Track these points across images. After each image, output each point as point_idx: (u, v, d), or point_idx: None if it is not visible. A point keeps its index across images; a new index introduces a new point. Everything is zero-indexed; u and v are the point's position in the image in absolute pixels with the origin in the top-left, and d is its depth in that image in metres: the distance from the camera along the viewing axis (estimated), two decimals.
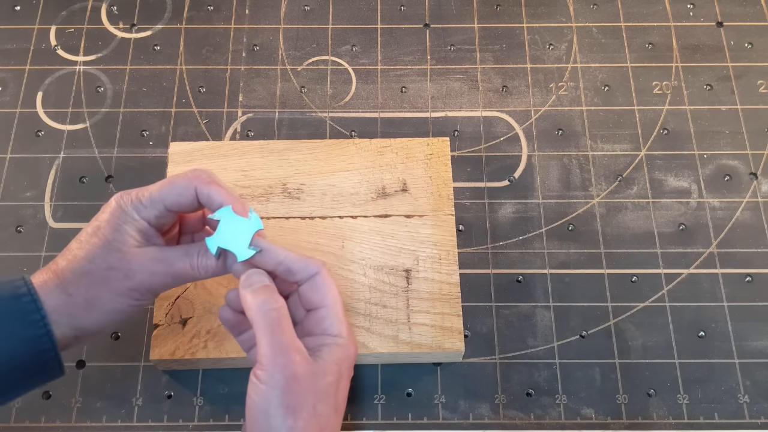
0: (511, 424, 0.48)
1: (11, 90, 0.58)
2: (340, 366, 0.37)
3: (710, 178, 0.55)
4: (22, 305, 0.35)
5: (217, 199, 0.38)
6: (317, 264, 0.39)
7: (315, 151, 0.52)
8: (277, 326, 0.36)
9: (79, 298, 0.37)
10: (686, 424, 0.48)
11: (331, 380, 0.36)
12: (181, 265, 0.39)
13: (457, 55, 0.60)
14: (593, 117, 0.57)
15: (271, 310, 0.36)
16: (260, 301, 0.36)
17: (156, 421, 0.47)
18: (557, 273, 0.52)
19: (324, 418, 0.35)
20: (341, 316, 0.38)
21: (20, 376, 0.36)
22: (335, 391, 0.36)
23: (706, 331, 0.50)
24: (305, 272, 0.38)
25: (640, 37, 0.61)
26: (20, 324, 0.35)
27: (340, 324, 0.38)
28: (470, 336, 0.50)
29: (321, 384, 0.36)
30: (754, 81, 0.59)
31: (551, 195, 0.55)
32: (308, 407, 0.35)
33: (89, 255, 0.37)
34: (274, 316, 0.36)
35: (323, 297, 0.38)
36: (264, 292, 0.37)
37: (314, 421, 0.35)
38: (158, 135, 0.57)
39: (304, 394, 0.35)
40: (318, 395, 0.35)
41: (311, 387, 0.35)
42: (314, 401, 0.35)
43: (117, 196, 0.39)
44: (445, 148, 0.53)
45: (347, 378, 0.38)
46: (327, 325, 0.38)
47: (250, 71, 0.59)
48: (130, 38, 0.61)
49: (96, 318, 0.37)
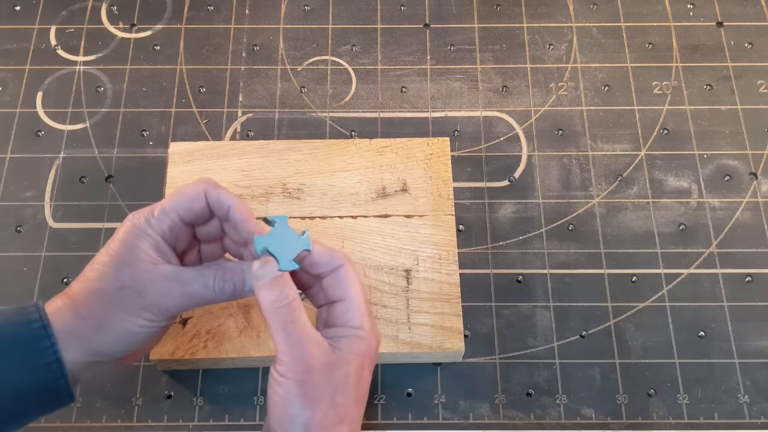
0: (511, 424, 0.48)
1: (11, 90, 0.58)
2: (361, 357, 0.37)
3: (710, 178, 0.55)
4: (33, 331, 0.35)
5: (226, 202, 0.38)
6: (340, 257, 0.39)
7: (315, 151, 0.52)
8: (289, 322, 0.36)
9: (90, 320, 0.36)
10: (686, 424, 0.48)
11: (350, 371, 0.36)
12: (196, 286, 0.38)
13: (457, 55, 0.60)
14: (593, 117, 0.57)
15: (282, 307, 0.36)
16: (271, 298, 0.36)
17: (156, 421, 0.47)
18: (557, 273, 0.52)
19: (343, 409, 0.36)
20: (363, 309, 0.38)
21: (29, 403, 0.35)
22: (355, 381, 0.36)
23: (706, 331, 0.50)
24: (328, 265, 0.39)
25: (640, 37, 0.61)
26: (30, 351, 0.35)
27: (362, 317, 0.38)
28: (470, 336, 0.50)
29: (339, 374, 0.36)
30: (754, 81, 0.59)
31: (551, 195, 0.55)
32: (326, 398, 0.35)
33: (101, 275, 0.37)
34: (285, 312, 0.36)
35: (346, 290, 0.38)
36: (274, 286, 0.36)
37: (333, 411, 0.35)
38: (158, 135, 0.57)
39: (321, 384, 0.35)
40: (336, 386, 0.36)
41: (329, 378, 0.36)
42: (332, 392, 0.35)
43: (130, 215, 0.38)
44: (445, 148, 0.53)
45: (369, 370, 0.38)
46: (348, 318, 0.38)
47: (250, 71, 0.59)
48: (130, 38, 0.61)
49: (107, 340, 0.36)
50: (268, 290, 0.36)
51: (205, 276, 0.38)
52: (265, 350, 0.46)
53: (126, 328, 0.37)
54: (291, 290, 0.37)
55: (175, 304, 0.38)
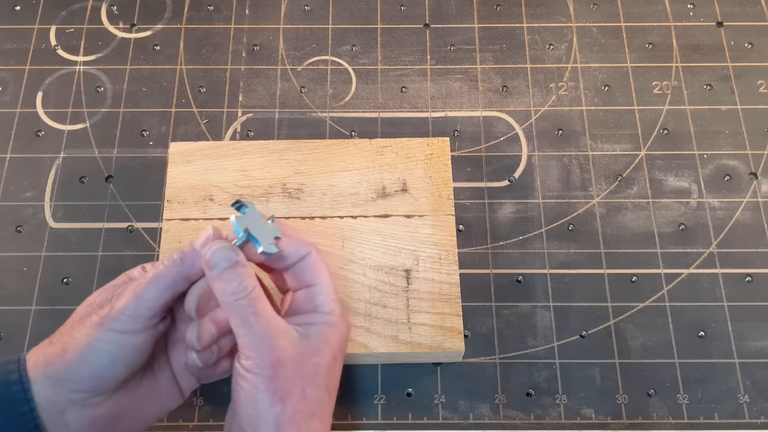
0: (511, 424, 0.48)
1: (11, 90, 0.58)
2: (332, 346, 0.35)
3: (710, 178, 0.55)
4: (12, 395, 0.33)
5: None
6: (308, 244, 0.38)
7: (315, 151, 0.52)
8: (251, 314, 0.34)
9: (57, 345, 0.34)
10: (686, 424, 0.48)
11: (320, 361, 0.35)
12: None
13: (457, 55, 0.60)
14: (593, 117, 0.57)
15: (241, 299, 0.34)
16: (230, 289, 0.34)
17: (156, 421, 0.47)
18: (557, 273, 0.52)
19: (314, 402, 0.34)
20: (333, 294, 0.37)
21: None
22: (326, 372, 0.35)
23: (706, 331, 0.50)
24: (296, 255, 0.38)
25: (640, 37, 0.61)
26: (8, 415, 0.32)
27: (332, 302, 0.37)
28: (470, 336, 0.50)
29: (309, 366, 0.34)
30: (754, 81, 0.59)
31: (551, 195, 0.55)
32: (296, 391, 0.34)
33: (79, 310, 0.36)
34: (245, 304, 0.34)
35: (315, 275, 0.37)
36: (232, 276, 0.34)
37: (304, 405, 0.34)
38: (158, 135, 0.57)
39: (291, 378, 0.33)
40: (306, 378, 0.34)
41: (299, 370, 0.34)
42: (303, 384, 0.34)
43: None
44: (445, 148, 0.53)
45: (340, 358, 0.36)
46: (319, 303, 0.37)
47: (250, 71, 0.59)
48: (130, 38, 0.61)
49: (70, 362, 0.33)
50: (225, 281, 0.34)
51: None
52: None
53: (89, 343, 0.33)
54: (250, 279, 0.34)
55: (146, 305, 0.34)
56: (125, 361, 0.34)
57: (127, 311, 0.34)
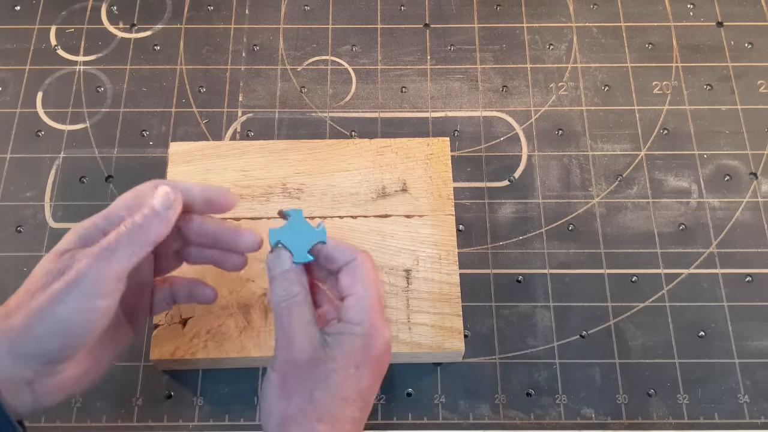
0: (511, 424, 0.48)
1: (11, 90, 0.58)
2: (353, 355, 0.36)
3: (710, 178, 0.55)
4: None
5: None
6: (353, 251, 0.39)
7: (315, 151, 0.52)
8: (285, 315, 0.37)
9: (17, 317, 0.33)
10: (686, 424, 0.48)
11: (336, 368, 0.36)
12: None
13: (457, 55, 0.60)
14: (593, 117, 0.57)
15: (283, 302, 0.37)
16: (277, 292, 0.37)
17: (156, 421, 0.47)
18: (557, 273, 0.52)
19: (321, 405, 0.35)
20: (369, 305, 0.37)
21: None
22: (342, 379, 0.36)
23: (706, 331, 0.50)
24: (343, 259, 0.39)
25: (640, 37, 0.61)
26: None
27: (365, 313, 0.37)
28: (470, 336, 0.50)
29: (321, 371, 0.36)
30: (754, 81, 0.59)
31: (551, 195, 0.55)
32: (304, 392, 0.35)
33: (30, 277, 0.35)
34: (284, 306, 0.37)
35: (353, 284, 0.38)
36: (282, 281, 0.37)
37: (310, 407, 0.35)
38: (158, 135, 0.57)
39: (302, 379, 0.36)
40: (317, 381, 0.36)
41: (311, 372, 0.36)
42: (311, 387, 0.36)
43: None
44: (445, 148, 0.53)
45: (367, 370, 0.37)
46: (351, 314, 0.37)
47: (250, 71, 0.59)
48: (130, 38, 0.61)
49: (39, 338, 0.32)
50: (276, 285, 0.37)
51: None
52: (265, 350, 0.46)
53: (52, 308, 0.32)
54: (296, 286, 0.37)
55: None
56: (95, 327, 0.34)
57: (94, 278, 0.33)
